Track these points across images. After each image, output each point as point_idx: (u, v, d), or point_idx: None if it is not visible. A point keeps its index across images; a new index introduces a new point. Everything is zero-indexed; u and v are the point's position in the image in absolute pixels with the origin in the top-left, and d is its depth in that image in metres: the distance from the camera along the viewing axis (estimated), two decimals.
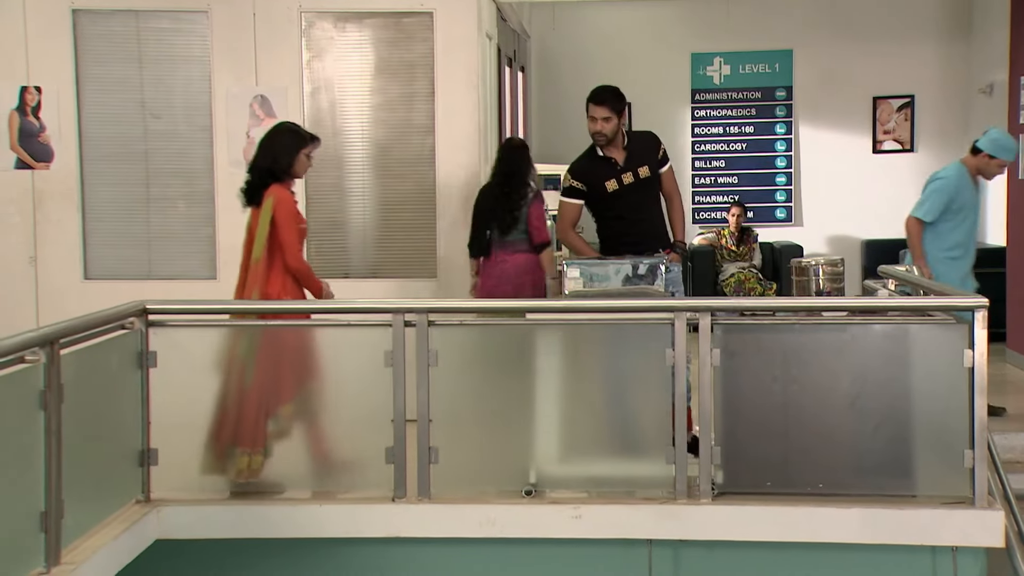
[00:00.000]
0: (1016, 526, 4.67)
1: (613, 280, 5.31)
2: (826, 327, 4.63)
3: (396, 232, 6.56)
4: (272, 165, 5.05)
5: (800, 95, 11.55)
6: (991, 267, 8.95)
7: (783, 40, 11.46)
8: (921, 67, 11.30)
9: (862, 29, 11.33)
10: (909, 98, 11.41)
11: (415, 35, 6.39)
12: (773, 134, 11.64)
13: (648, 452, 4.50)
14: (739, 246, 10.60)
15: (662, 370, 4.44)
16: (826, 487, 4.38)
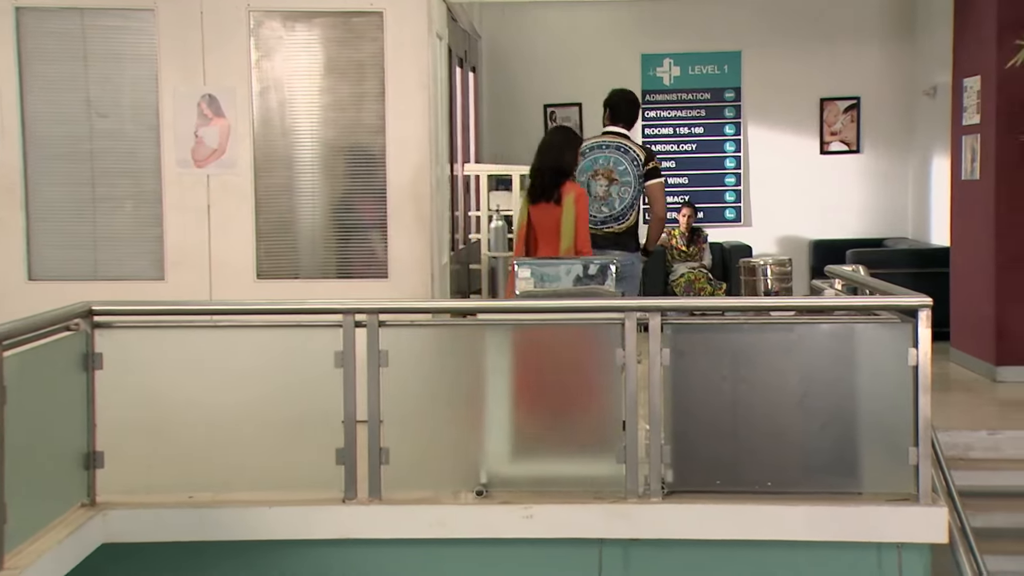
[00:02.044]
0: (959, 522, 4.75)
1: (564, 280, 5.33)
2: (774, 327, 4.68)
3: (347, 233, 6.52)
4: (562, 164, 6.01)
5: (749, 96, 11.65)
6: (935, 267, 9.11)
7: (732, 42, 11.56)
8: (866, 69, 11.45)
9: (809, 31, 11.45)
10: (855, 100, 11.55)
11: (365, 35, 6.36)
12: (722, 135, 11.73)
13: (599, 451, 4.51)
14: (689, 246, 10.59)
15: (612, 370, 4.45)
16: (775, 485, 4.43)
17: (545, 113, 11.78)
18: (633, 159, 6.89)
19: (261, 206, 6.44)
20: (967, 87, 8.16)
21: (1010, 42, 7.34)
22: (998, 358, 7.72)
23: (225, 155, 6.40)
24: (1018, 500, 5.97)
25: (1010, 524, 5.81)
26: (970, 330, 8.21)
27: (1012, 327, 7.67)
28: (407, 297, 6.16)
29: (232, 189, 6.39)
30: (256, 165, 6.41)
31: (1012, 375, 7.63)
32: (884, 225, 11.58)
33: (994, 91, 7.66)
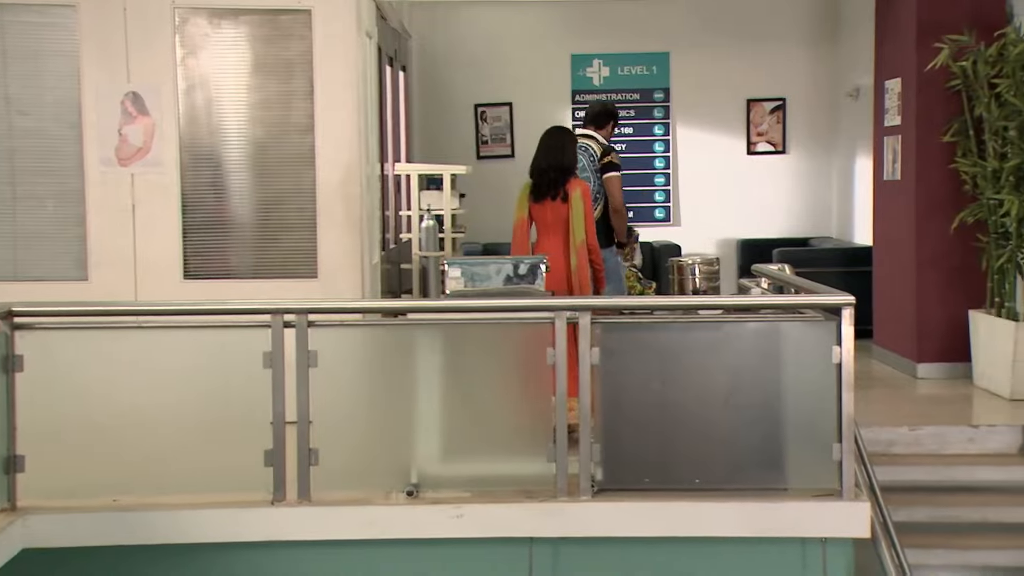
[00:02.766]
0: (881, 516, 4.84)
1: (494, 280, 5.34)
2: (702, 325, 4.72)
3: (276, 232, 6.46)
4: (565, 162, 6.23)
5: (677, 97, 11.77)
6: (859, 266, 9.29)
7: (660, 43, 11.67)
8: (792, 71, 11.63)
9: (735, 33, 11.60)
10: (781, 101, 11.73)
11: (293, 33, 6.30)
12: (651, 135, 11.83)
13: (529, 450, 4.52)
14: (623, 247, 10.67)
15: (543, 368, 4.47)
16: (703, 482, 4.48)
17: (476, 113, 11.79)
18: (591, 156, 7.22)
19: (188, 205, 6.35)
20: (888, 89, 8.33)
21: (929, 45, 7.50)
22: (919, 355, 7.89)
23: (150, 154, 6.30)
24: (938, 494, 6.11)
25: (931, 518, 5.94)
26: (892, 328, 8.38)
27: (931, 325, 7.85)
28: (337, 297, 6.12)
29: (157, 188, 6.30)
30: (182, 164, 6.33)
31: (932, 372, 7.82)
32: (810, 225, 11.78)
33: (914, 93, 7.83)
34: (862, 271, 9.00)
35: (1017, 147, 7.07)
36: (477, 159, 11.65)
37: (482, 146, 11.83)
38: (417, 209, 8.93)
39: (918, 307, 7.88)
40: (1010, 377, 7.03)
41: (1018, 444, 6.35)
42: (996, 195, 7.17)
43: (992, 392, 7.23)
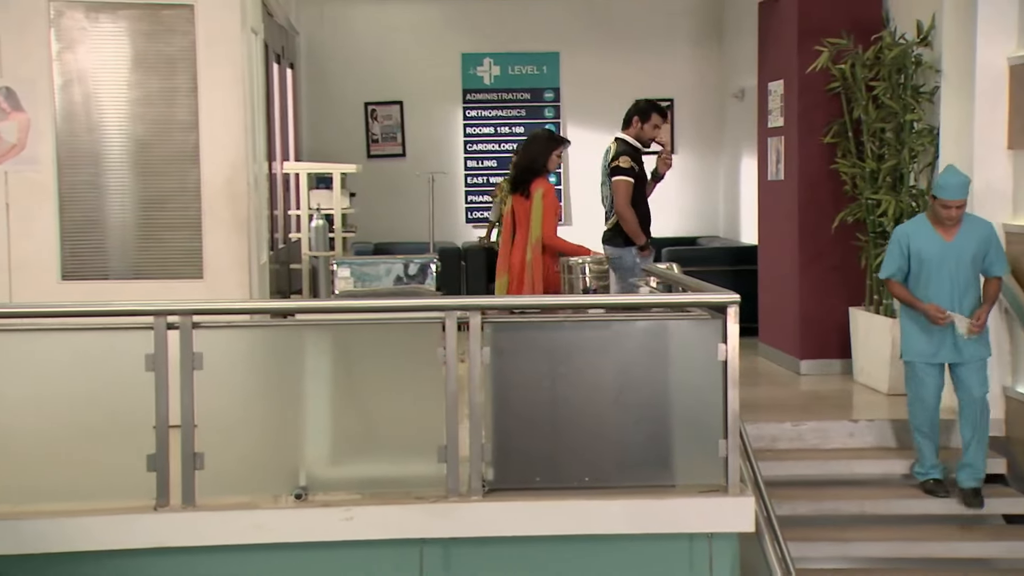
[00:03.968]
0: (765, 511, 4.96)
1: (384, 280, 5.33)
2: (591, 324, 4.78)
3: (159, 232, 6.33)
4: (532, 164, 6.93)
5: (567, 96, 11.88)
6: (745, 265, 9.51)
7: (550, 42, 11.76)
8: (679, 72, 11.84)
9: (624, 34, 11.76)
10: (669, 101, 11.92)
11: (175, 28, 6.18)
12: None
13: (420, 451, 4.52)
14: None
15: (434, 368, 4.47)
16: (592, 480, 4.53)
17: (366, 111, 11.73)
18: (606, 157, 7.45)
19: (65, 204, 6.18)
20: (771, 90, 8.54)
21: (810, 48, 7.71)
22: (801, 352, 8.11)
23: (25, 151, 6.11)
24: (820, 488, 6.30)
25: (813, 512, 6.12)
26: (776, 325, 8.60)
27: (813, 322, 8.07)
28: (223, 298, 6.02)
29: (33, 186, 6.12)
30: (59, 161, 6.15)
31: (814, 368, 8.05)
32: (698, 224, 12.01)
33: (796, 95, 8.04)
34: (748, 270, 9.21)
35: (893, 148, 7.33)
36: (367, 158, 11.59)
37: (372, 145, 11.77)
38: (306, 208, 8.85)
39: (801, 305, 8.10)
40: (888, 373, 7.27)
41: (895, 438, 6.58)
42: (874, 195, 7.41)
43: (871, 388, 7.47)
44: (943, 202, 5.74)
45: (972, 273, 5.88)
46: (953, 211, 5.75)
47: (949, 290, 5.84)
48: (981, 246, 5.86)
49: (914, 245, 5.88)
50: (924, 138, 7.20)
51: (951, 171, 5.86)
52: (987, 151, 6.52)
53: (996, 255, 5.90)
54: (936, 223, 5.86)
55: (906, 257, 5.90)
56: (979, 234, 5.89)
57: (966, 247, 5.85)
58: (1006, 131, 6.50)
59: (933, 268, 5.83)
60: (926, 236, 5.87)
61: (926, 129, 7.22)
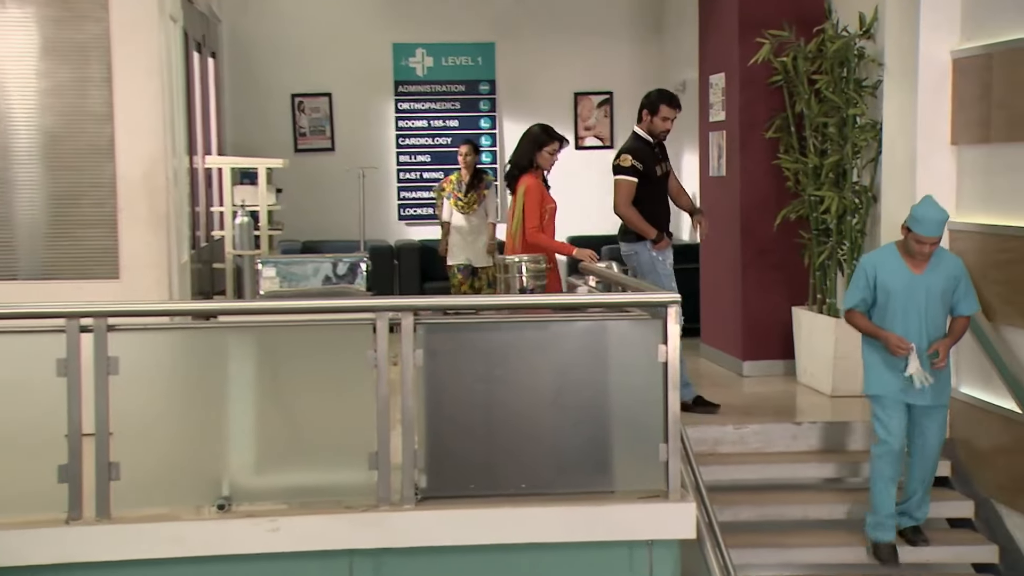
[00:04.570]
0: (707, 517, 5.01)
1: (312, 280, 5.29)
2: (528, 325, 4.77)
3: (71, 229, 6.21)
4: (518, 160, 7.25)
5: (503, 89, 11.90)
6: (689, 263, 9.58)
7: (485, 33, 11.77)
8: (618, 64, 11.91)
9: (561, 25, 11.80)
10: (608, 94, 11.99)
11: (87, 15, 6.07)
12: (478, 128, 11.92)
13: (350, 458, 4.49)
14: (468, 192, 9.61)
15: (365, 372, 4.44)
16: (529, 487, 4.53)
17: (293, 103, 11.64)
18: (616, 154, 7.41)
19: None
20: (713, 84, 8.63)
21: (751, 40, 7.80)
22: (744, 353, 8.20)
23: None
24: (763, 493, 6.37)
25: (755, 517, 6.20)
26: (719, 326, 8.68)
27: (756, 322, 8.17)
28: (141, 299, 5.93)
29: None
30: None
31: (757, 370, 8.14)
32: None
33: (737, 88, 8.13)
34: (690, 268, 9.28)
35: (836, 144, 7.44)
36: (295, 152, 11.51)
37: (300, 139, 11.69)
38: (230, 205, 8.76)
39: (743, 305, 8.19)
40: (831, 374, 7.38)
41: (838, 440, 6.68)
42: (817, 192, 7.52)
43: (814, 389, 7.58)
44: (917, 237, 5.60)
45: (941, 309, 5.75)
46: (927, 247, 5.63)
47: (917, 326, 5.69)
48: (950, 282, 5.74)
49: (881, 276, 5.73)
50: (867, 133, 7.32)
51: (929, 205, 5.64)
52: (930, 147, 6.64)
53: (966, 292, 5.77)
54: (906, 254, 5.72)
55: (872, 288, 5.76)
56: (949, 270, 5.76)
57: (935, 282, 5.71)
58: (949, 126, 6.62)
59: (900, 302, 5.70)
60: (894, 267, 5.73)
61: (869, 124, 7.34)
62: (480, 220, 9.67)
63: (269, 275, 5.15)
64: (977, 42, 6.38)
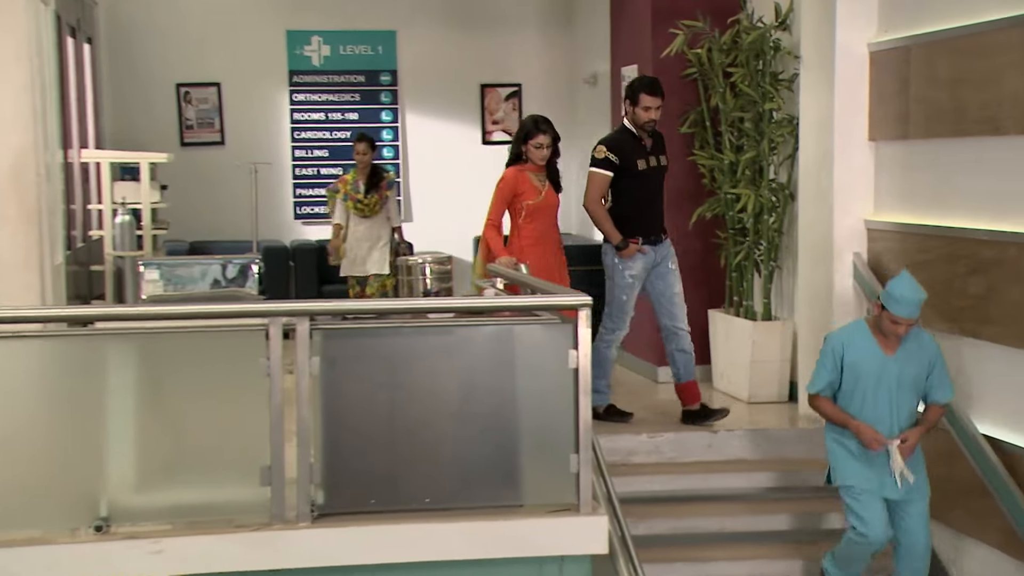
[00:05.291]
0: (620, 531, 5.04)
1: (199, 283, 5.21)
2: (432, 330, 4.76)
3: None
4: (510, 153, 7.17)
5: (406, 80, 11.86)
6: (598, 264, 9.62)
7: (386, 20, 11.72)
8: (527, 55, 11.95)
9: (467, 13, 11.81)
10: (516, 87, 12.03)
11: None
12: (379, 122, 11.87)
13: (241, 474, 4.43)
14: (368, 193, 9.10)
15: (257, 381, 4.38)
16: (433, 502, 4.51)
17: (178, 93, 11.46)
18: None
19: None
20: (625, 77, 8.70)
21: (664, 31, 7.89)
22: (659, 358, 8.27)
23: None
24: (678, 504, 6.44)
25: (671, 530, 6.26)
26: (632, 330, 8.74)
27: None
28: (10, 304, 5.79)
29: None
30: None
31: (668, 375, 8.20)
32: None
33: None
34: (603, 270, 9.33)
35: (753, 139, 7.55)
36: (181, 146, 11.33)
37: (187, 131, 11.51)
38: (110, 202, 8.61)
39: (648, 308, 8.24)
40: (748, 379, 7.49)
41: (756, 449, 6.78)
42: (733, 189, 7.62)
43: (731, 395, 7.68)
44: (893, 317, 5.38)
45: (913, 395, 5.56)
46: (902, 328, 5.41)
47: (888, 411, 5.50)
48: (924, 366, 5.54)
49: (850, 356, 5.50)
50: (784, 128, 7.45)
51: (907, 284, 5.42)
52: (847, 142, 6.78)
53: (940, 378, 5.58)
54: (877, 333, 5.51)
55: (839, 370, 5.53)
56: (924, 352, 5.55)
57: (909, 365, 5.51)
58: (867, 122, 6.76)
59: (870, 385, 5.48)
60: (864, 347, 5.50)
61: (786, 119, 7.47)
62: (382, 224, 9.12)
63: (152, 278, 5.05)
64: (895, 34, 6.54)
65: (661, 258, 7.00)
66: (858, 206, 6.80)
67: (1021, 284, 5.54)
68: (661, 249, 7.02)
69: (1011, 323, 5.61)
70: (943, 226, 6.14)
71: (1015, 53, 5.53)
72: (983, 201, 5.90)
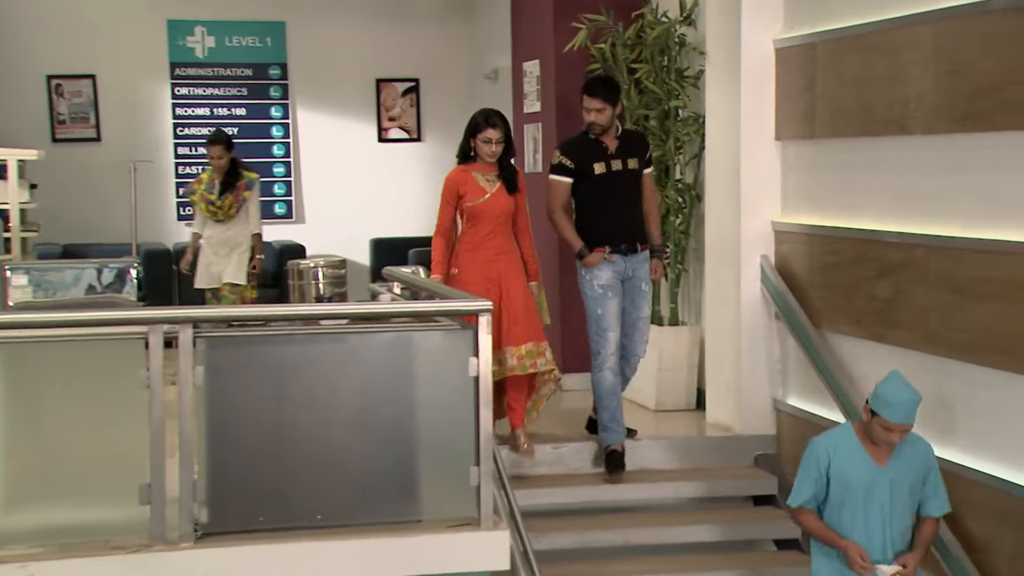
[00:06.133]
0: (522, 546, 5.07)
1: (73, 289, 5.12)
2: (325, 337, 4.74)
3: None
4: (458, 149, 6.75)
5: (297, 74, 11.78)
6: None
7: (274, 11, 11.62)
8: (425, 49, 11.95)
9: (361, 4, 11.78)
10: (414, 82, 12.02)
11: None
12: (269, 118, 11.78)
13: (119, 492, 4.36)
14: (223, 194, 8.72)
15: (135, 394, 4.32)
16: (326, 519, 4.49)
17: (49, 86, 11.24)
18: None
19: None
20: (527, 72, 8.75)
21: (567, 25, 7.94)
22: (564, 365, 8.31)
23: None
24: (582, 517, 6.48)
25: (575, 544, 6.30)
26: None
27: (576, 332, 8.28)
28: None
29: None
30: None
31: (577, 383, 8.25)
32: None
33: (553, 77, 8.26)
34: None
35: (658, 138, 7.64)
36: (52, 142, 11.12)
37: (59, 127, 11.29)
38: None
39: (561, 312, 8.30)
40: (655, 387, 7.57)
41: (663, 458, 6.85)
42: None
43: (638, 404, 7.76)
44: (885, 423, 4.93)
45: (908, 507, 5.11)
46: (896, 436, 4.97)
47: (880, 528, 5.05)
48: (920, 475, 5.09)
49: (837, 466, 5.06)
50: (690, 127, 7.55)
51: (900, 386, 5.00)
52: (754, 142, 6.89)
53: (936, 488, 5.13)
54: (866, 440, 5.06)
55: (824, 480, 5.08)
56: (918, 459, 5.10)
57: (903, 475, 5.05)
58: (773, 120, 6.89)
59: (860, 499, 5.03)
60: (853, 456, 5.05)
61: (692, 117, 7.57)
62: (240, 230, 8.73)
63: (20, 283, 4.95)
64: (800, 31, 6.67)
65: (633, 271, 6.62)
66: (765, 207, 6.92)
67: (928, 287, 5.69)
68: (633, 261, 6.63)
69: (917, 327, 5.76)
70: (851, 228, 6.28)
71: (921, 50, 5.68)
72: (890, 202, 6.05)
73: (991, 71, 5.26)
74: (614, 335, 6.59)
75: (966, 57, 5.41)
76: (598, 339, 6.62)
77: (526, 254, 6.71)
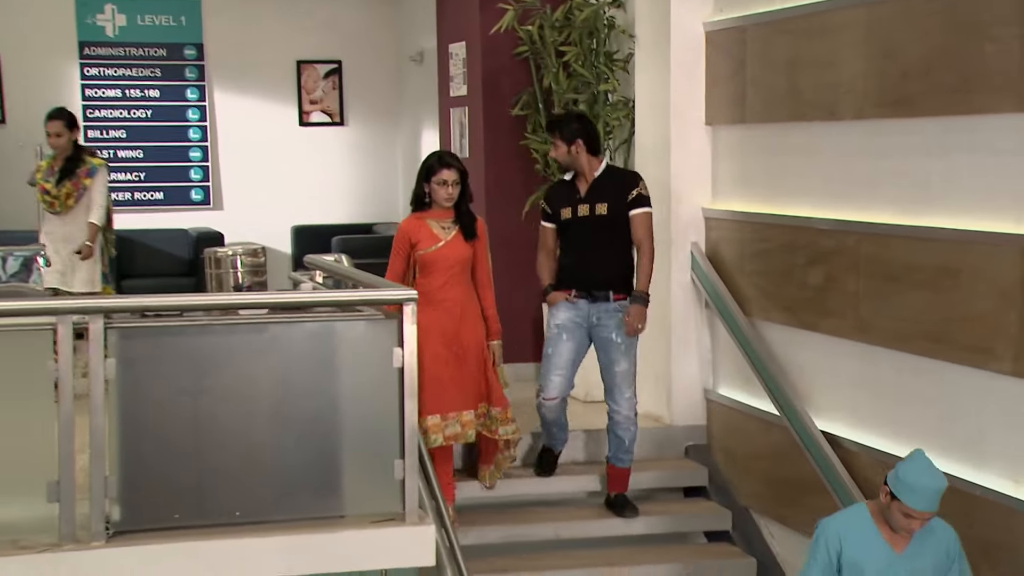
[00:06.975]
0: (448, 541, 5.07)
1: None
2: (243, 327, 4.71)
3: None
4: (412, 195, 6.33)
5: (214, 55, 11.66)
6: None
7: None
8: (348, 29, 11.89)
9: None
10: (336, 64, 11.95)
11: None
12: (184, 100, 11.66)
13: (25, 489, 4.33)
14: (61, 182, 7.73)
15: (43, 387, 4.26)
16: (245, 515, 4.46)
17: None
18: None
19: None
20: (453, 54, 8.73)
21: (494, 6, 7.93)
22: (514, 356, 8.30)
23: None
24: (510, 511, 6.51)
25: (503, 539, 6.33)
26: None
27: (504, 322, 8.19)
28: None
29: None
30: None
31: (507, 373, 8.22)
32: (374, 208, 12.10)
33: (479, 60, 8.25)
34: None
35: None
36: None
37: None
38: None
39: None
40: (583, 377, 7.59)
41: (593, 451, 6.89)
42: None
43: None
44: (906, 510, 4.46)
45: None
46: (917, 524, 4.50)
47: None
48: (942, 561, 4.62)
49: (849, 552, 4.60)
50: (620, 111, 7.58)
51: (924, 468, 4.50)
52: (684, 127, 6.94)
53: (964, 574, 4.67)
54: (883, 524, 4.61)
55: (834, 567, 4.62)
56: (942, 546, 4.62)
57: (923, 564, 4.59)
58: (704, 105, 6.94)
59: None
60: (867, 542, 4.60)
61: (621, 101, 7.61)
62: (82, 224, 7.63)
63: None
64: (730, 14, 6.73)
65: (599, 319, 6.35)
66: (696, 194, 6.98)
67: (859, 275, 5.77)
68: (599, 309, 6.35)
69: (849, 315, 5.85)
70: (782, 215, 6.35)
71: (853, 33, 5.75)
72: (821, 189, 6.12)
73: (922, 55, 5.34)
74: (558, 379, 6.42)
75: (898, 40, 5.49)
76: (543, 378, 6.50)
77: (487, 311, 6.39)
